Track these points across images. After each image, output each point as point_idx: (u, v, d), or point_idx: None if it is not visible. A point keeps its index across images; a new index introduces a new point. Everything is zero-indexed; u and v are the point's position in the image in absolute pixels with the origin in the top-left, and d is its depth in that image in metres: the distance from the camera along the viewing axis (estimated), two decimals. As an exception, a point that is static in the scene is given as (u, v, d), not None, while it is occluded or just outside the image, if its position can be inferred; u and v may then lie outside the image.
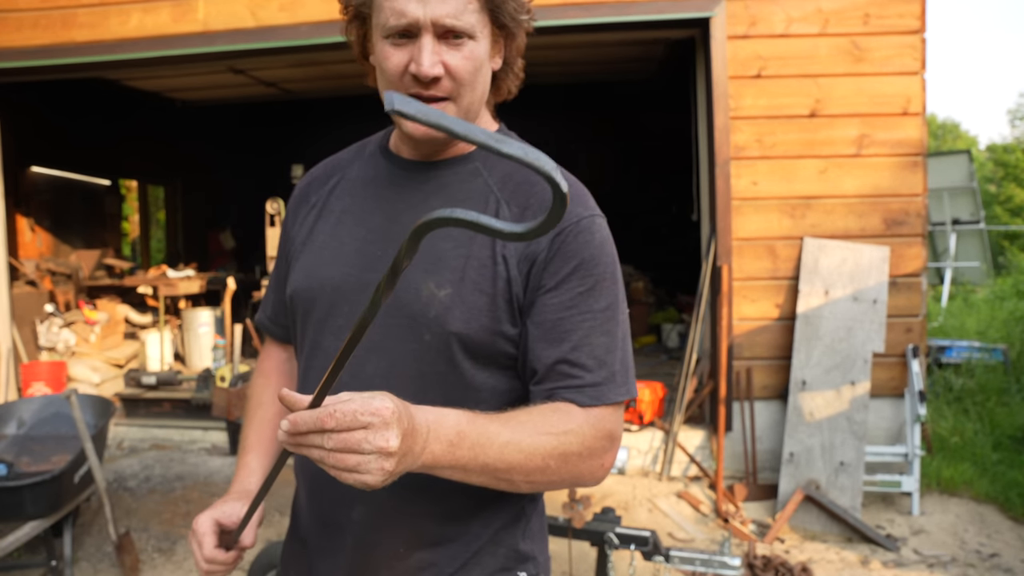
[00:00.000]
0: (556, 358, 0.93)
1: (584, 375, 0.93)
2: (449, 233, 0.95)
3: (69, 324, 5.80)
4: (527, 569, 1.04)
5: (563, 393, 0.92)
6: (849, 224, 4.18)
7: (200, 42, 4.56)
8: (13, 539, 3.04)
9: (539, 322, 0.94)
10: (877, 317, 4.03)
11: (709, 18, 4.17)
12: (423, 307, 0.94)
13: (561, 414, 0.91)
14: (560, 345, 0.93)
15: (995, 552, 3.50)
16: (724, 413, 4.20)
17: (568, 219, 0.96)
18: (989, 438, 4.53)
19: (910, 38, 4.13)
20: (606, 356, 0.95)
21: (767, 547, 3.58)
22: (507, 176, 1.00)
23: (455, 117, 0.54)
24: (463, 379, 0.96)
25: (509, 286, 0.94)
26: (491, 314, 0.94)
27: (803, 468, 3.95)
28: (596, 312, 0.94)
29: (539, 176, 0.54)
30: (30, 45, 4.68)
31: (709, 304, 4.36)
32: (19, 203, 6.47)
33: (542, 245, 0.94)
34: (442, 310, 0.93)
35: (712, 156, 4.26)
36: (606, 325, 0.95)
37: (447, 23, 0.91)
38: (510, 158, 0.53)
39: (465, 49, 0.93)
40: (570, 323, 0.93)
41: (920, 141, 4.16)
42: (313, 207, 1.10)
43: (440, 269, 0.94)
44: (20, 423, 3.73)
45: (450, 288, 0.94)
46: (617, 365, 0.95)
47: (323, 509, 1.03)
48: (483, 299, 0.94)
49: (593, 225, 0.98)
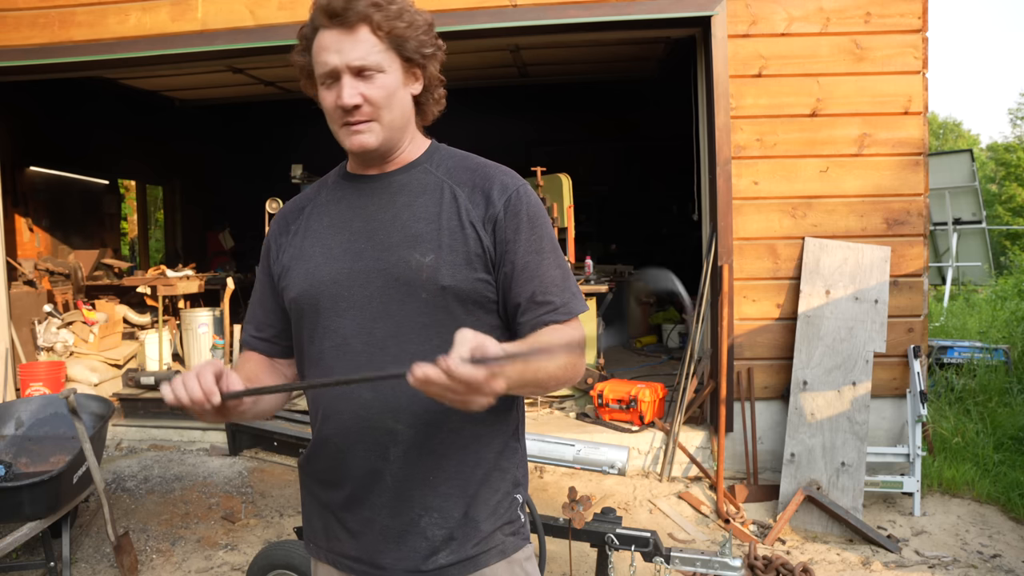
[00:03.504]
0: (531, 291, 1.21)
1: (554, 300, 1.22)
2: (419, 214, 1.23)
3: (67, 324, 5.78)
4: (520, 493, 1.31)
5: (545, 318, 1.21)
6: (850, 224, 4.17)
7: (199, 41, 4.55)
8: (11, 540, 3.03)
9: (511, 268, 1.22)
10: (878, 317, 4.02)
11: (710, 17, 4.16)
12: (415, 273, 1.20)
13: (551, 332, 1.20)
14: (531, 282, 1.22)
15: (997, 553, 3.48)
16: (725, 413, 4.19)
17: (511, 186, 1.25)
18: (991, 438, 4.51)
19: (911, 37, 4.12)
20: (564, 283, 1.25)
21: (768, 548, 3.57)
22: (450, 169, 1.28)
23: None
24: (458, 323, 1.14)
25: (480, 243, 1.21)
26: (468, 266, 1.20)
27: (804, 469, 3.93)
28: (547, 253, 1.24)
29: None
30: (28, 44, 4.67)
31: (710, 304, 4.35)
32: (17, 203, 6.46)
33: (498, 208, 1.22)
34: (432, 272, 1.19)
35: (713, 156, 4.25)
36: (557, 261, 1.26)
37: (356, 64, 1.17)
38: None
39: (377, 80, 1.18)
40: (533, 264, 1.22)
41: (921, 140, 4.15)
42: (295, 233, 1.32)
43: (419, 243, 1.21)
44: (18, 423, 3.72)
45: (432, 255, 1.20)
46: (573, 288, 1.26)
47: (359, 460, 1.22)
48: (460, 256, 1.20)
49: (527, 190, 1.28)
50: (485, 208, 1.23)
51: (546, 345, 1.15)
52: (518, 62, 6.87)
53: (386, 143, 1.23)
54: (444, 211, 1.23)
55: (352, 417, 1.21)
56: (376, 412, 1.19)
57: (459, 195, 1.24)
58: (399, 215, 1.25)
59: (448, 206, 1.24)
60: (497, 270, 1.23)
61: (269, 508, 4.06)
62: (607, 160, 10.51)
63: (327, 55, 1.18)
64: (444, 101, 1.33)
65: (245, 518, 3.96)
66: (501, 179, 1.27)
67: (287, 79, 7.25)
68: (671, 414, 4.42)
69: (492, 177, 1.26)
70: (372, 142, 1.21)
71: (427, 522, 1.22)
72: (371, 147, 1.21)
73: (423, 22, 1.23)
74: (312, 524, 1.34)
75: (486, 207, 1.23)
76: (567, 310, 1.23)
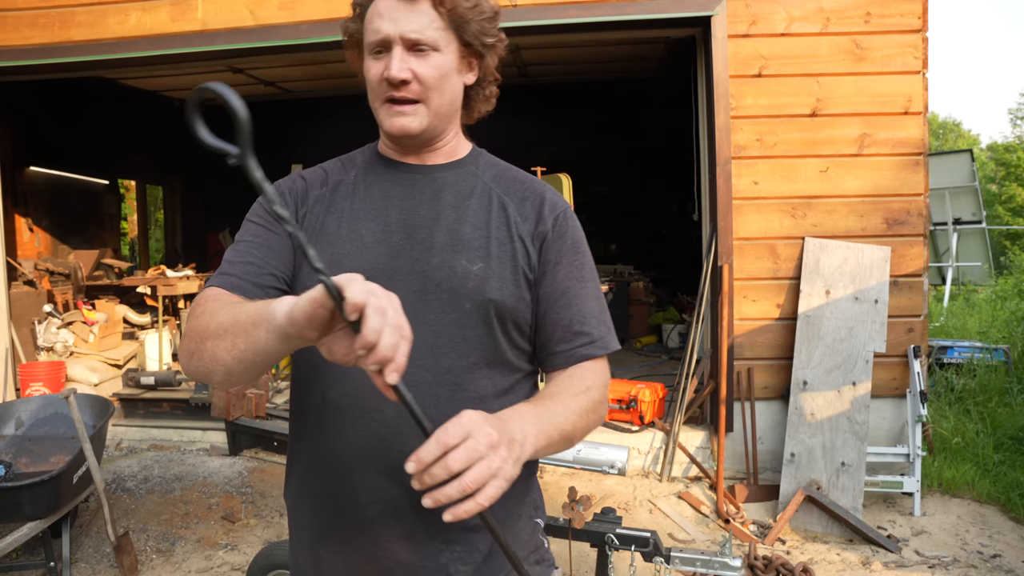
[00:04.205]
0: (568, 319, 1.14)
1: (592, 332, 1.15)
2: (466, 218, 1.13)
3: (67, 324, 5.79)
4: (540, 516, 1.23)
5: (581, 351, 1.14)
6: (850, 224, 4.17)
7: (199, 41, 4.55)
8: (11, 540, 3.03)
9: (550, 291, 1.15)
10: (878, 317, 4.02)
11: (710, 17, 4.16)
12: (460, 281, 1.09)
13: (576, 376, 1.12)
14: (569, 309, 1.15)
15: (997, 553, 3.48)
16: (725, 413, 4.18)
17: (560, 206, 1.19)
18: (991, 439, 4.51)
19: (911, 37, 4.11)
20: (601, 315, 1.18)
21: (768, 548, 3.57)
22: (496, 177, 1.20)
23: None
24: (496, 340, 1.11)
25: (528, 259, 1.14)
26: (515, 282, 1.12)
27: (804, 469, 3.93)
28: (587, 282, 1.18)
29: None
30: (28, 44, 4.67)
31: (710, 304, 4.35)
32: (17, 203, 6.46)
33: (548, 226, 1.15)
34: (479, 281, 1.10)
35: (713, 155, 4.25)
36: (595, 292, 1.19)
37: (412, 36, 1.07)
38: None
39: (431, 59, 1.08)
40: (573, 291, 1.15)
41: (921, 140, 4.15)
42: (318, 202, 1.16)
43: (467, 248, 1.11)
44: (18, 423, 3.72)
45: (481, 263, 1.10)
46: (609, 322, 1.19)
47: (370, 484, 1.07)
48: (508, 271, 1.12)
49: (573, 213, 1.22)
50: (535, 224, 1.15)
51: (573, 412, 1.05)
52: (518, 62, 6.87)
53: (429, 130, 1.12)
54: (493, 219, 1.14)
55: (368, 436, 1.06)
56: (398, 431, 1.05)
57: (508, 205, 1.16)
58: (444, 215, 1.13)
59: (497, 215, 1.15)
60: (533, 291, 1.14)
61: (269, 508, 4.06)
62: (607, 160, 10.51)
63: (381, 22, 1.08)
64: (494, 101, 1.23)
65: (245, 518, 3.96)
66: (551, 197, 1.19)
67: (287, 79, 7.26)
68: (671, 414, 4.42)
69: (541, 193, 1.19)
70: (415, 126, 1.10)
71: (449, 557, 1.08)
72: (413, 132, 1.10)
73: (489, 9, 1.13)
74: (300, 564, 1.15)
75: (536, 223, 1.15)
76: (603, 344, 1.16)
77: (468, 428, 0.81)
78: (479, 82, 1.18)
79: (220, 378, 0.95)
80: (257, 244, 1.12)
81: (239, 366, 0.90)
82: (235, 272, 1.09)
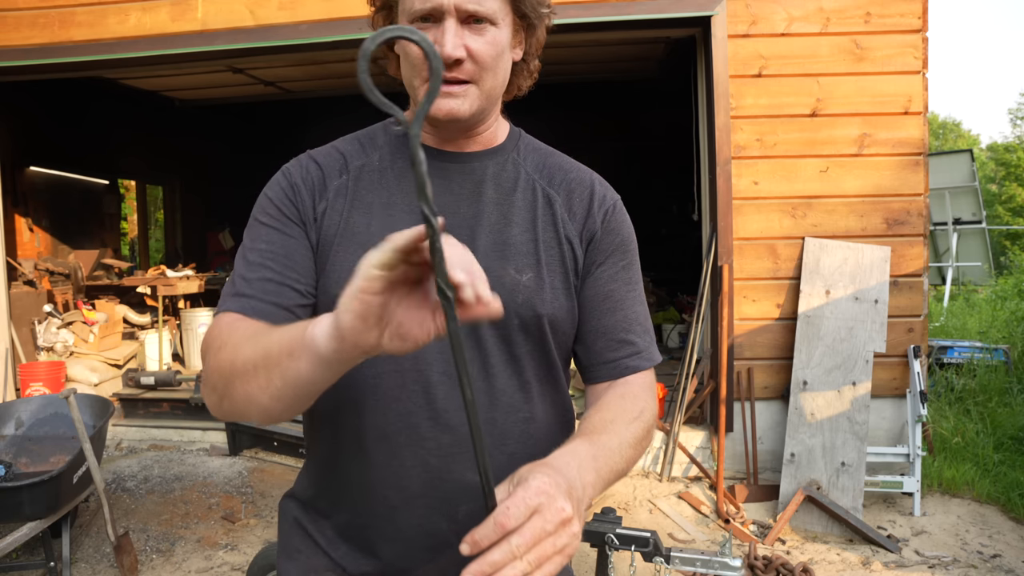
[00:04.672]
0: (613, 325, 1.04)
1: (638, 341, 1.05)
2: (512, 217, 1.01)
3: (67, 324, 5.78)
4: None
5: (627, 363, 1.04)
6: (850, 224, 4.17)
7: (199, 41, 4.55)
8: (11, 540, 3.03)
9: (594, 293, 1.04)
10: (878, 317, 4.02)
11: (710, 17, 4.16)
12: (510, 293, 0.97)
13: (628, 398, 1.00)
14: (614, 314, 1.04)
15: (997, 553, 3.48)
16: (725, 413, 4.18)
17: (609, 199, 1.07)
18: (991, 439, 4.51)
19: (911, 37, 4.11)
20: (646, 322, 1.08)
21: (768, 548, 3.57)
22: (541, 164, 1.08)
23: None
24: (548, 356, 1.03)
25: (576, 263, 1.03)
26: (567, 292, 1.02)
27: (804, 469, 3.93)
28: (633, 284, 1.07)
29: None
30: (28, 44, 4.66)
31: (710, 304, 4.35)
32: (17, 203, 6.45)
33: (597, 224, 1.04)
34: (529, 294, 0.98)
35: (713, 155, 4.25)
36: (641, 296, 1.08)
37: (469, 8, 0.93)
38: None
39: (488, 34, 0.95)
40: (620, 293, 1.05)
41: (921, 140, 4.15)
42: (339, 193, 1.01)
43: (514, 255, 0.99)
44: (18, 423, 3.72)
45: (531, 272, 0.99)
46: (652, 330, 1.10)
47: (416, 519, 0.97)
48: (559, 279, 1.01)
49: (623, 208, 1.10)
50: (584, 221, 1.04)
51: (628, 444, 0.93)
52: (518, 62, 6.86)
53: (478, 115, 0.99)
54: (540, 218, 1.02)
55: (417, 466, 0.95)
56: (451, 459, 0.95)
57: (554, 200, 1.04)
58: (486, 213, 1.00)
59: (543, 213, 1.02)
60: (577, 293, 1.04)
61: (269, 508, 4.06)
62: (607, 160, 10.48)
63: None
64: (537, 75, 1.11)
65: (245, 518, 3.96)
66: (600, 189, 1.07)
67: (287, 79, 7.25)
68: (671, 414, 4.42)
69: (589, 184, 1.06)
70: (465, 110, 0.95)
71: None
72: (462, 116, 0.96)
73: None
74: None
75: (585, 219, 1.04)
76: (648, 356, 1.06)
77: (535, 503, 0.68)
78: (524, 57, 1.06)
79: (257, 418, 0.82)
80: (273, 254, 0.96)
81: (278, 405, 0.78)
82: (253, 292, 0.94)
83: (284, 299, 0.94)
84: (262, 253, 0.97)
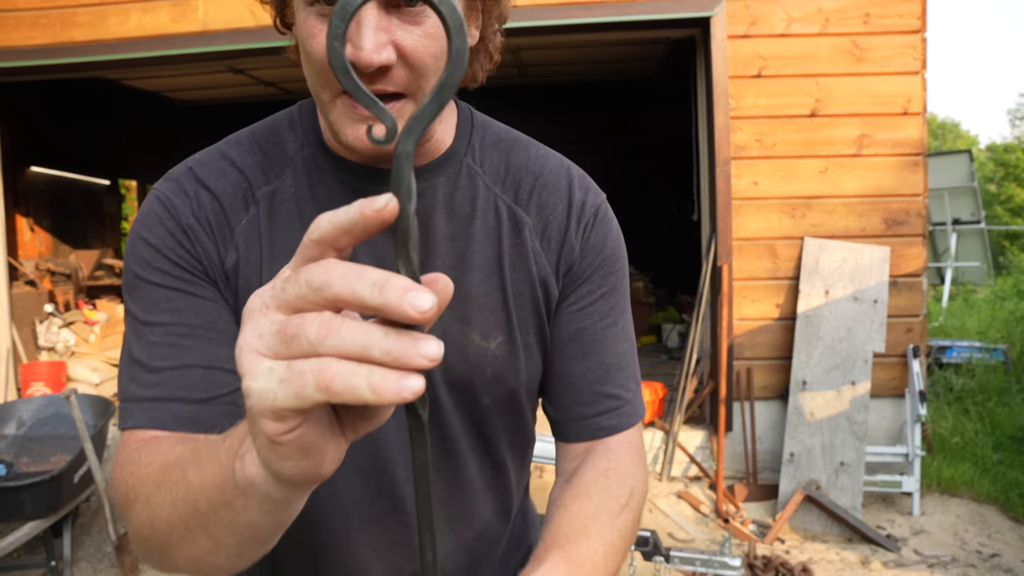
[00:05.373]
0: (590, 372, 0.81)
1: (620, 393, 0.82)
2: (470, 260, 0.76)
3: (68, 324, 5.79)
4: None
5: (606, 421, 0.82)
6: (850, 224, 4.18)
7: (200, 42, 4.56)
8: (13, 539, 3.04)
9: (566, 328, 0.81)
10: (877, 317, 4.03)
11: (709, 17, 4.17)
12: (473, 367, 0.76)
13: (613, 476, 0.78)
14: (591, 356, 0.81)
15: (996, 552, 3.49)
16: (724, 413, 4.19)
17: (590, 205, 0.82)
18: (990, 438, 4.52)
19: (910, 38, 4.12)
20: (631, 366, 0.84)
21: (767, 547, 3.57)
22: (501, 167, 0.81)
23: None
24: (524, 427, 0.85)
25: (548, 304, 0.80)
26: (540, 345, 0.81)
27: (803, 468, 3.94)
28: (615, 315, 0.83)
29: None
30: (29, 45, 4.67)
31: (709, 304, 4.36)
32: (18, 203, 6.46)
33: (575, 248, 0.80)
34: (501, 366, 0.77)
35: (712, 156, 4.26)
36: (624, 329, 0.84)
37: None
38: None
39: (427, 22, 0.64)
40: (599, 329, 0.81)
41: (920, 141, 4.16)
42: (251, 239, 0.73)
43: (478, 313, 0.76)
44: (20, 423, 3.73)
45: (501, 335, 0.77)
46: (638, 373, 0.86)
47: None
48: (534, 335, 0.80)
49: (608, 212, 0.84)
50: (560, 247, 0.79)
51: (614, 544, 0.74)
52: (518, 63, 6.87)
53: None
54: (507, 254, 0.78)
55: (384, 540, 0.81)
56: (414, 533, 0.79)
57: (523, 224, 0.79)
58: (439, 256, 0.76)
59: (511, 245, 0.78)
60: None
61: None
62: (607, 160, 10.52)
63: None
64: (499, 55, 0.81)
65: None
66: (578, 193, 0.82)
67: (287, 79, 7.26)
68: (671, 414, 4.43)
69: (564, 188, 0.81)
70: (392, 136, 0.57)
71: None
72: (389, 148, 0.64)
73: None
74: None
75: (561, 245, 0.79)
76: (633, 410, 0.84)
77: None
78: (481, 35, 0.75)
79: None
80: (186, 326, 0.69)
81: (242, 559, 0.55)
82: (169, 391, 0.67)
83: (215, 388, 0.68)
84: (168, 329, 0.69)
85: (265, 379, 0.37)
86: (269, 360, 0.37)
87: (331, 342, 0.35)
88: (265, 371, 0.37)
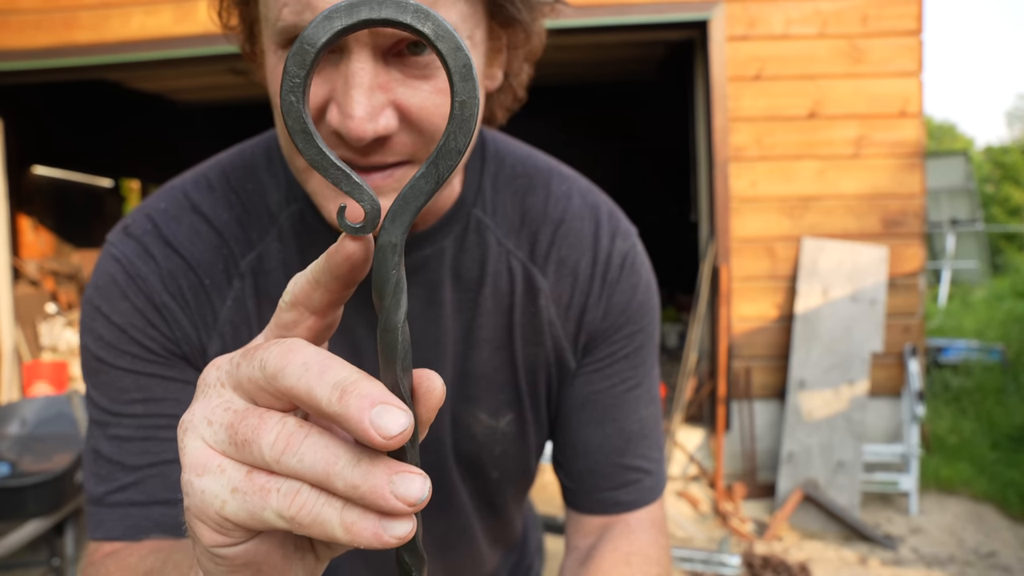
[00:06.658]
0: (609, 441, 0.71)
1: (642, 464, 0.72)
2: (477, 333, 0.68)
3: (71, 324, 5.81)
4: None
5: (627, 497, 0.72)
6: (848, 224, 4.20)
7: (201, 44, 4.58)
8: (15, 538, 3.06)
9: (585, 391, 0.72)
10: (875, 317, 4.05)
11: (708, 20, 4.19)
12: (481, 446, 0.70)
13: (637, 562, 0.68)
14: (610, 423, 0.71)
15: (993, 551, 3.51)
16: (723, 413, 4.21)
17: (617, 255, 0.71)
18: (987, 437, 4.54)
19: (908, 39, 4.15)
20: (655, 429, 0.74)
21: (766, 546, 3.59)
22: (516, 214, 0.70)
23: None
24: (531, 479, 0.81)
25: (567, 373, 0.72)
26: (554, 417, 0.75)
27: (802, 467, 3.96)
28: (642, 376, 0.73)
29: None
30: (32, 47, 4.69)
31: (708, 304, 4.38)
32: (21, 204, 6.48)
33: (599, 311, 0.70)
34: (511, 443, 0.71)
35: (711, 157, 4.28)
36: (651, 390, 0.74)
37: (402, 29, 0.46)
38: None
39: (440, 76, 0.53)
40: (620, 394, 0.72)
41: (918, 142, 4.18)
42: (240, 322, 0.64)
43: (486, 391, 0.69)
44: (22, 423, 3.74)
45: (510, 413, 0.70)
46: (662, 439, 0.76)
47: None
48: (546, 409, 0.73)
49: (638, 258, 0.73)
50: (581, 313, 0.70)
51: None
52: (518, 64, 6.89)
53: None
54: (518, 325, 0.69)
55: None
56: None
57: (539, 288, 0.69)
58: (446, 332, 0.68)
59: (523, 314, 0.69)
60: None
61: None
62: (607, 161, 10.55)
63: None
64: (524, 91, 0.73)
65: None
66: (605, 241, 0.70)
67: (288, 81, 7.27)
68: (670, 413, 4.45)
69: (590, 236, 0.70)
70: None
71: None
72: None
73: None
74: None
75: (582, 310, 0.70)
76: (655, 483, 0.74)
77: None
78: (507, 77, 0.68)
79: None
80: (166, 418, 0.60)
81: None
82: (150, 494, 0.59)
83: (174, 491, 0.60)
84: (142, 421, 0.59)
85: (215, 480, 0.30)
86: (222, 458, 0.30)
87: (287, 461, 0.28)
88: (215, 469, 0.30)
